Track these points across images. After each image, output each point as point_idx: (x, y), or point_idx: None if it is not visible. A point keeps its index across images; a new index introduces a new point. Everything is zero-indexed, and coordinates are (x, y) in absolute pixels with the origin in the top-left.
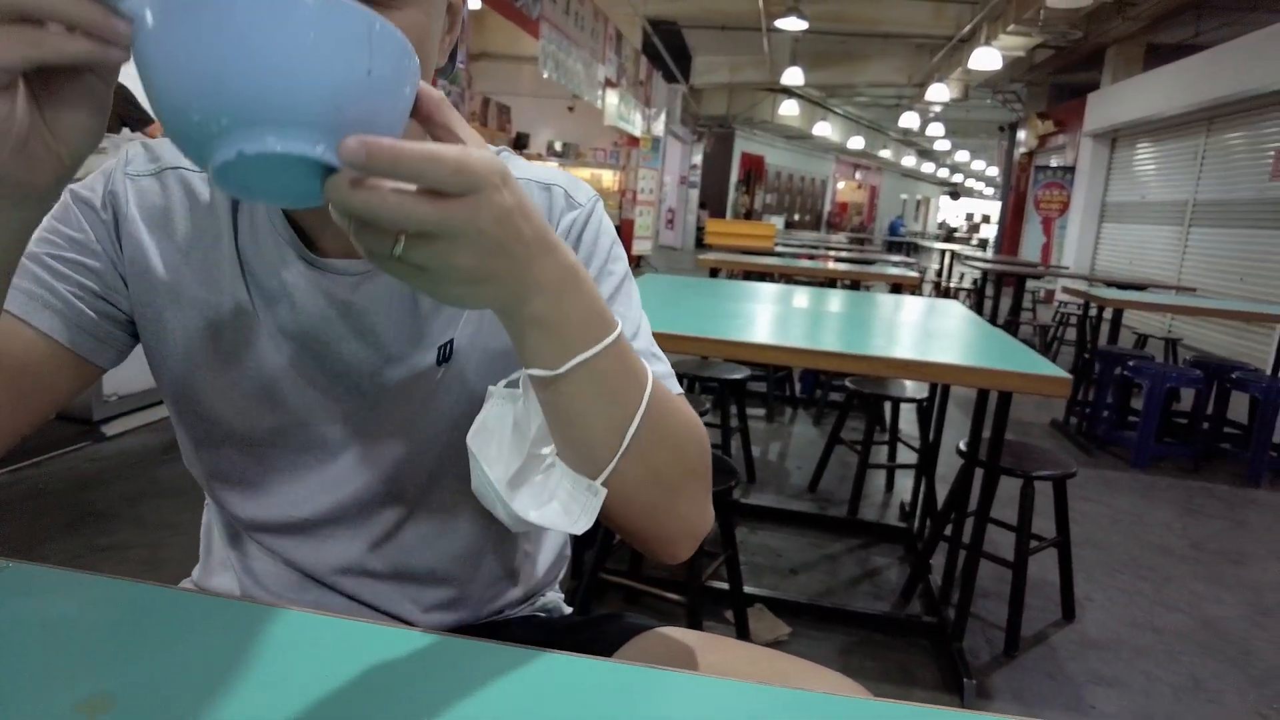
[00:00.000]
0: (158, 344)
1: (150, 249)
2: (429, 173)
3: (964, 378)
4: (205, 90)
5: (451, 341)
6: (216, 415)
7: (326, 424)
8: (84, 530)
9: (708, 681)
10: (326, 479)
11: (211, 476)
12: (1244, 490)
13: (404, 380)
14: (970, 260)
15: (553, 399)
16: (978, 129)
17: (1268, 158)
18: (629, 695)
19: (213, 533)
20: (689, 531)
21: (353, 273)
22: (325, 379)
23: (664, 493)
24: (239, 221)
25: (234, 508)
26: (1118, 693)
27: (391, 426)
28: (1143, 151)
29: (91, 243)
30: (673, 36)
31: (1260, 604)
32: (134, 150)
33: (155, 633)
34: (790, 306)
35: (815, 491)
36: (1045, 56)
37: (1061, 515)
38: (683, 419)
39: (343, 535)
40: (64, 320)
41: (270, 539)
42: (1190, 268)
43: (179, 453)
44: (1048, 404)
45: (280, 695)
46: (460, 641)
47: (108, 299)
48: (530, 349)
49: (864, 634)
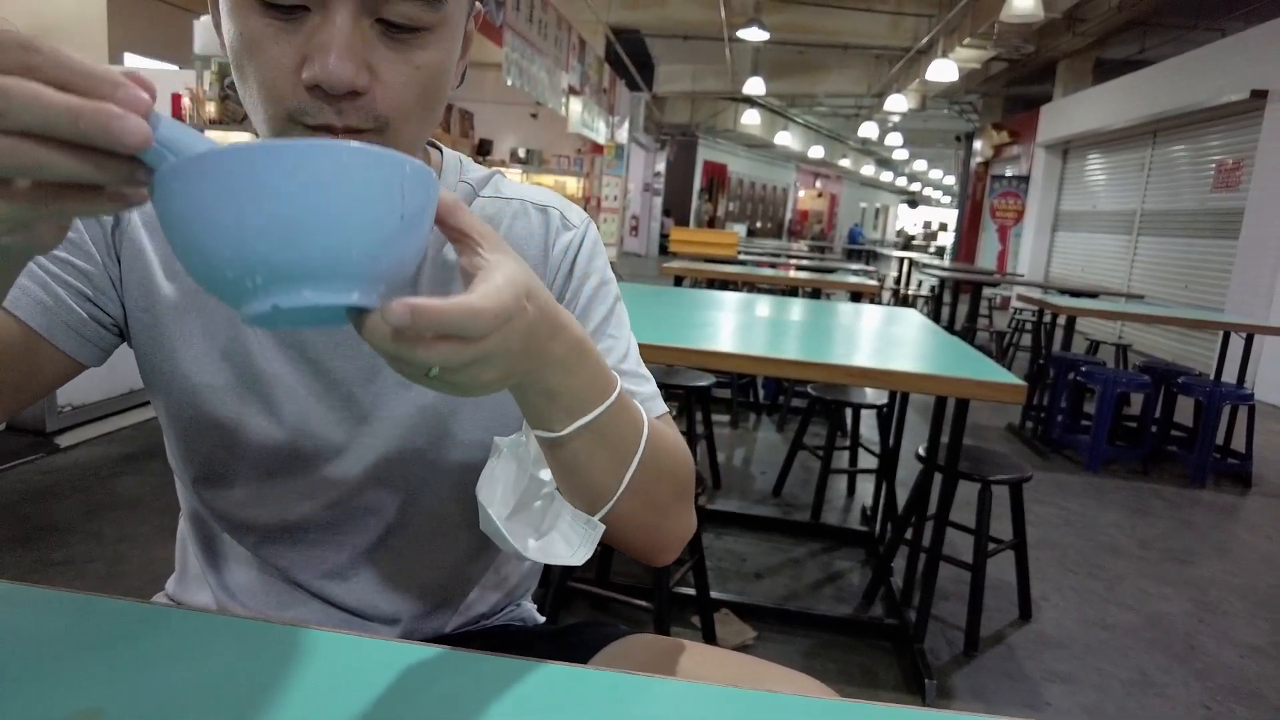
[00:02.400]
0: (154, 348)
1: (151, 255)
2: (470, 326)
3: (922, 385)
4: (237, 250)
5: None
6: (211, 419)
7: (320, 431)
8: (38, 545)
9: (683, 686)
10: (318, 485)
11: (201, 480)
12: (1190, 491)
13: (398, 389)
14: (928, 268)
15: (556, 454)
16: (935, 139)
17: (1208, 170)
18: (607, 701)
19: (187, 547)
20: (677, 540)
21: None
22: (320, 386)
23: (657, 515)
24: None
25: (223, 511)
26: (1072, 689)
27: (385, 434)
28: (1093, 162)
29: (85, 244)
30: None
31: (1204, 600)
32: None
33: (138, 648)
34: (754, 315)
35: (779, 496)
36: (1000, 69)
37: (1018, 518)
38: (672, 447)
39: (331, 541)
40: (48, 314)
41: (257, 543)
42: (1139, 275)
43: (136, 464)
44: (1004, 408)
45: (266, 709)
46: (440, 651)
47: (95, 301)
48: (536, 416)
49: (827, 636)
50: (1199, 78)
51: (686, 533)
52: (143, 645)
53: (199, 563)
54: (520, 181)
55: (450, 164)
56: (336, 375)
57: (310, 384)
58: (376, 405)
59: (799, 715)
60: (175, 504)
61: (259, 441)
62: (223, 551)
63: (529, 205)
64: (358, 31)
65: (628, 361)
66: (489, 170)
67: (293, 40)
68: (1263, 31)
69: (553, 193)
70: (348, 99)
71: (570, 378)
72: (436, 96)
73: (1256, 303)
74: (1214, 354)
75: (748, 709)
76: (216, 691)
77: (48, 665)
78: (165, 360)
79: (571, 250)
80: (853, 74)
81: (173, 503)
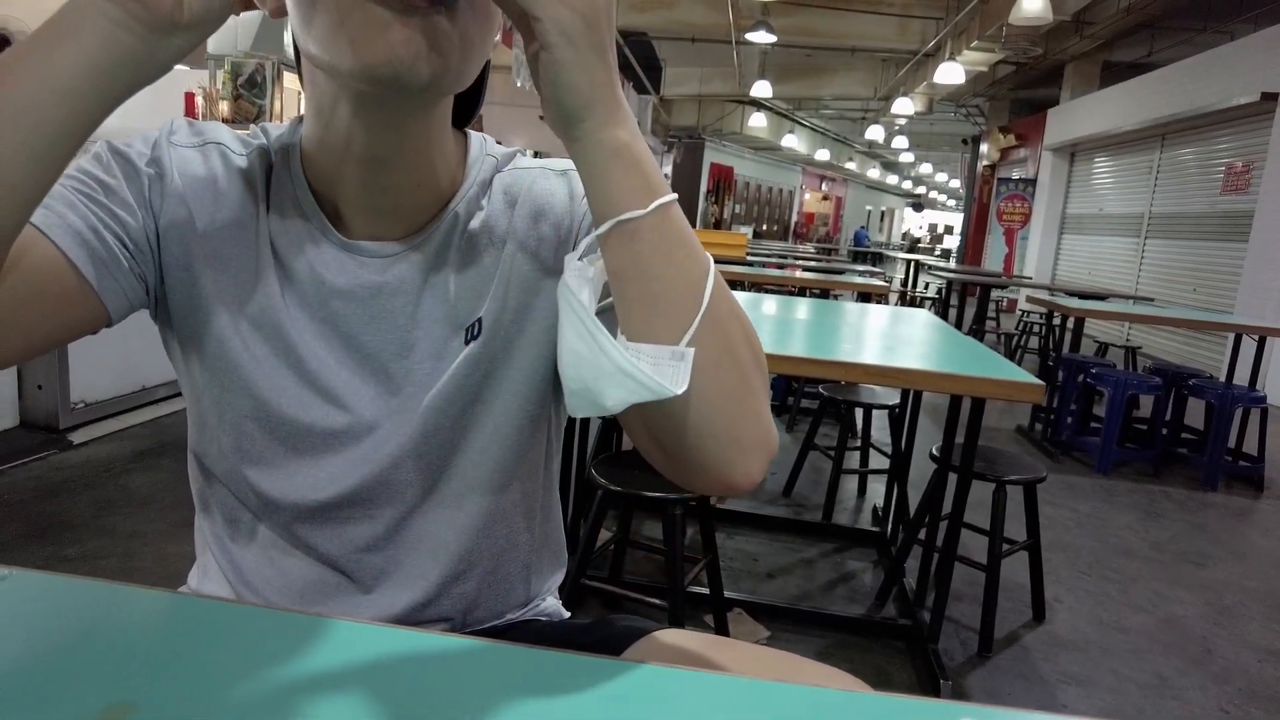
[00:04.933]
0: (190, 310)
1: (194, 215)
2: None
3: (939, 384)
4: None
5: (479, 321)
6: (245, 389)
7: (354, 405)
8: (51, 540)
9: (720, 679)
10: (352, 460)
11: (232, 454)
12: (1201, 494)
13: (433, 362)
14: (935, 270)
15: (636, 250)
16: (941, 142)
17: (1217, 173)
18: (643, 694)
19: (207, 543)
20: (763, 438)
21: (383, 255)
22: (354, 360)
23: (739, 378)
24: (272, 199)
25: (253, 487)
26: (1088, 691)
27: (418, 407)
28: (1101, 165)
29: (124, 192)
30: (643, 48)
31: (1220, 603)
32: (179, 123)
33: (168, 639)
34: (766, 314)
35: (789, 496)
36: (1007, 72)
37: (1032, 519)
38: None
39: (363, 515)
40: (87, 247)
41: (289, 522)
42: (1146, 278)
43: (148, 461)
44: (1012, 411)
45: (297, 701)
46: (471, 643)
47: (129, 249)
48: (619, 185)
49: (840, 636)
50: (1208, 80)
51: (771, 433)
52: (174, 636)
53: (218, 557)
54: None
55: (475, 141)
56: (369, 349)
57: (343, 358)
58: (408, 379)
59: (838, 709)
60: (187, 500)
61: (293, 415)
62: (244, 541)
63: (549, 171)
64: None
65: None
66: (510, 149)
67: None
68: (1272, 34)
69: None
70: None
71: (639, 142)
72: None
73: (1267, 305)
74: (1223, 357)
75: (786, 703)
76: (248, 683)
77: (79, 656)
78: (202, 325)
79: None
80: (860, 77)
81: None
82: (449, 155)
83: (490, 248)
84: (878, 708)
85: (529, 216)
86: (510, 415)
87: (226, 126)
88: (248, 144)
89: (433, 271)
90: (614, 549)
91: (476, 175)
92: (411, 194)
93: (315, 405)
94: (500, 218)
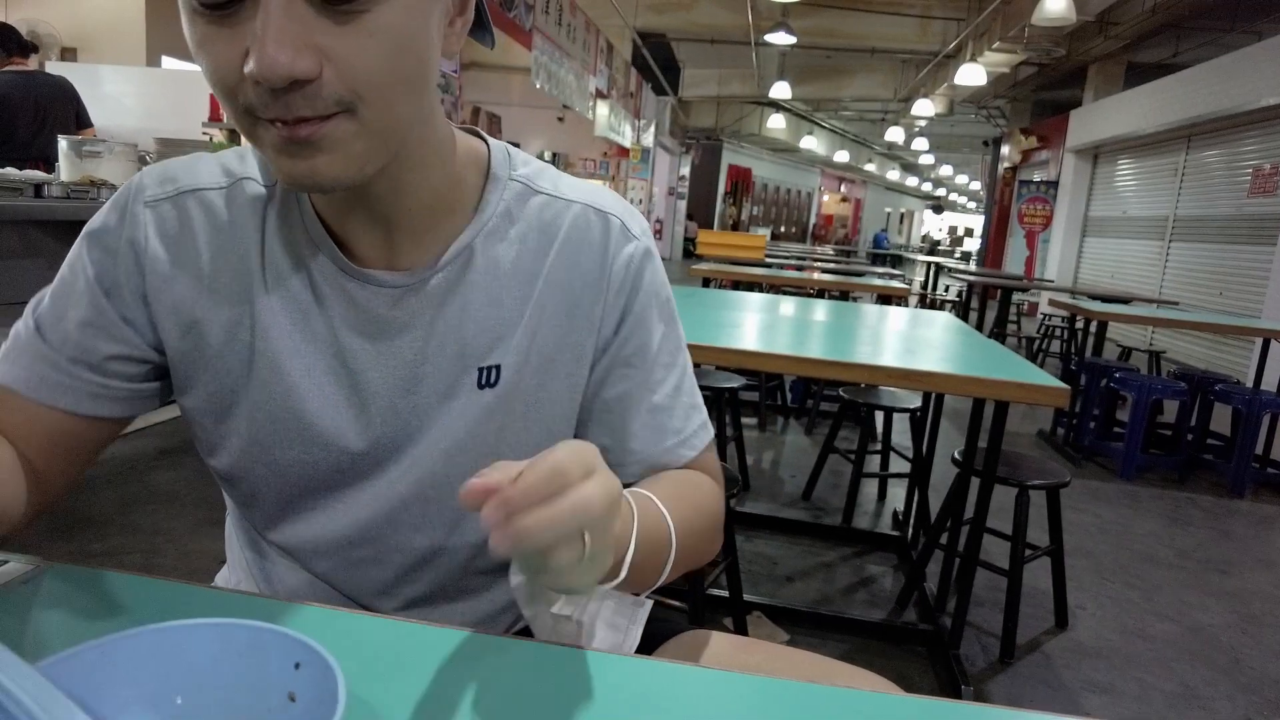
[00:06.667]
0: (191, 372)
1: (174, 279)
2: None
3: (963, 387)
4: None
5: (498, 368)
6: (246, 434)
7: (359, 444)
8: (76, 537)
9: (759, 681)
10: (359, 502)
11: (237, 495)
12: (1228, 501)
13: (443, 402)
14: (956, 273)
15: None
16: (961, 144)
17: (1245, 175)
18: (677, 694)
19: (234, 542)
20: (709, 559)
21: (394, 285)
22: (359, 397)
23: (695, 560)
24: (267, 232)
25: (261, 528)
26: (1113, 700)
27: (428, 449)
28: (1124, 167)
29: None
30: (662, 49)
31: (1247, 612)
32: (148, 175)
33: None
34: (787, 316)
35: (809, 500)
36: (1029, 73)
37: (1055, 524)
38: (705, 506)
39: (375, 559)
40: (91, 398)
41: (304, 561)
42: (1171, 282)
43: (171, 459)
44: (1034, 415)
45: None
46: (506, 641)
47: (133, 359)
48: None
49: (860, 641)
50: (1235, 81)
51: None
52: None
53: (246, 559)
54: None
55: (499, 158)
56: (376, 386)
57: (348, 394)
58: (415, 419)
59: (871, 710)
60: (210, 498)
61: (293, 457)
62: (270, 556)
63: (589, 210)
64: (291, 14)
65: (684, 390)
66: (539, 163)
67: (234, 35)
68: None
69: (612, 195)
70: (294, 89)
71: (627, 570)
72: (411, 61)
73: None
74: (1249, 362)
75: (819, 704)
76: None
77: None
78: (196, 384)
79: (634, 264)
80: (880, 78)
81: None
82: (456, 172)
83: (517, 287)
84: (910, 710)
85: (565, 260)
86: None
87: (206, 157)
88: (231, 173)
89: (447, 305)
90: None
91: (498, 202)
92: (421, 218)
93: (319, 447)
94: (532, 256)
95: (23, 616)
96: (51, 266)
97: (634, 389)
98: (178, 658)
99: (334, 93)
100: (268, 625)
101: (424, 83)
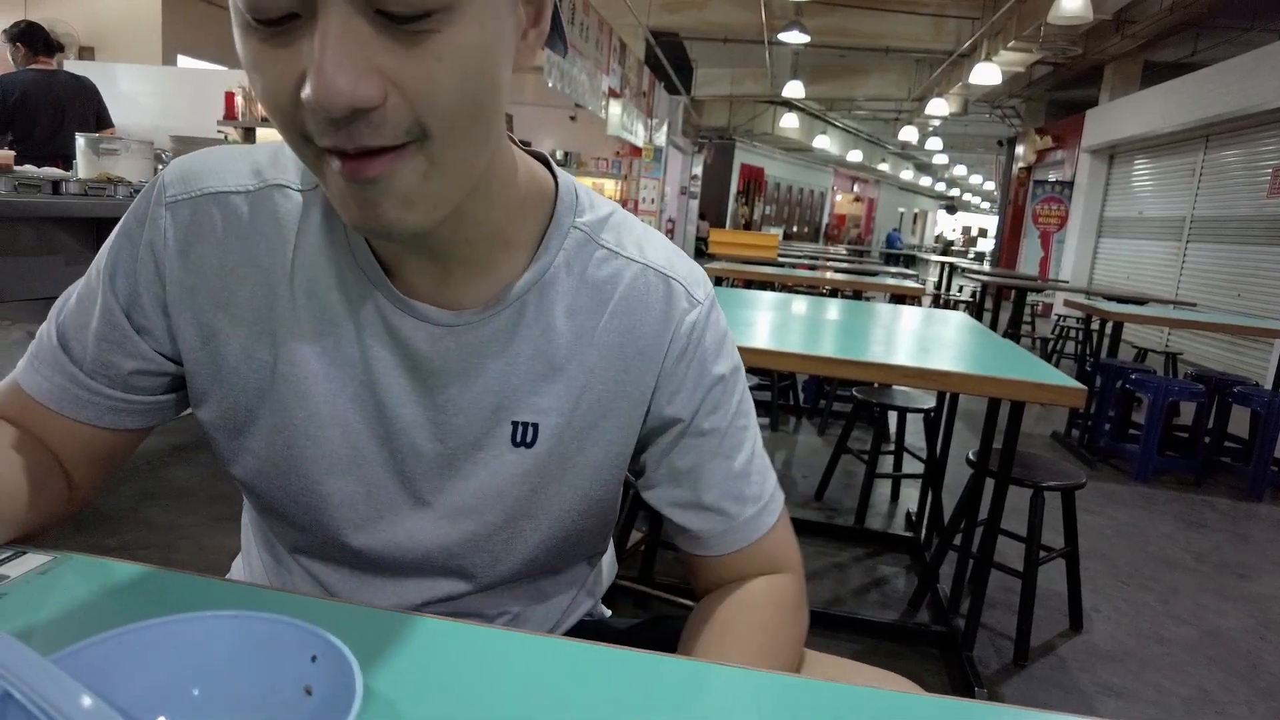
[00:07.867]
0: (206, 385)
1: (194, 289)
2: None
3: (977, 386)
4: None
5: (535, 427)
6: (262, 454)
7: (383, 479)
8: (91, 531)
9: (781, 679)
10: (381, 535)
11: (257, 507)
12: (1245, 504)
13: (470, 454)
14: (970, 273)
15: None
16: (976, 143)
17: (1264, 175)
18: (704, 692)
19: (250, 538)
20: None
21: (437, 323)
22: (384, 429)
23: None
24: (300, 245)
25: (278, 536)
26: (1128, 704)
27: (451, 499)
28: (1140, 167)
29: (123, 324)
30: (675, 48)
31: (1265, 617)
32: (170, 172)
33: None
34: (799, 315)
35: (821, 500)
36: (1044, 73)
37: (1070, 526)
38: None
39: (391, 590)
40: (113, 412)
41: (312, 572)
42: (1187, 283)
43: (185, 454)
44: (1048, 416)
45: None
46: (539, 640)
47: (152, 373)
48: None
49: (873, 642)
50: (1255, 80)
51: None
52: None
53: (262, 562)
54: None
55: (566, 200)
56: (403, 423)
57: (374, 426)
58: (444, 464)
59: (893, 710)
60: (224, 494)
61: (312, 485)
62: (285, 563)
63: (649, 271)
64: (352, 34)
65: (758, 452)
66: (610, 206)
67: (290, 56)
68: None
69: (678, 253)
70: (357, 117)
71: None
72: (485, 85)
73: None
74: (1268, 364)
75: (841, 703)
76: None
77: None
78: (211, 395)
79: (698, 331)
80: (893, 78)
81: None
82: (518, 200)
83: (566, 345)
84: (932, 710)
85: (618, 324)
86: (561, 526)
87: (237, 153)
88: (261, 175)
89: (490, 356)
90: (645, 549)
91: (558, 250)
92: (478, 249)
93: (339, 479)
94: (585, 314)
95: (39, 608)
96: (69, 263)
97: (707, 460)
98: (194, 650)
99: (402, 120)
100: (284, 618)
101: (496, 108)
